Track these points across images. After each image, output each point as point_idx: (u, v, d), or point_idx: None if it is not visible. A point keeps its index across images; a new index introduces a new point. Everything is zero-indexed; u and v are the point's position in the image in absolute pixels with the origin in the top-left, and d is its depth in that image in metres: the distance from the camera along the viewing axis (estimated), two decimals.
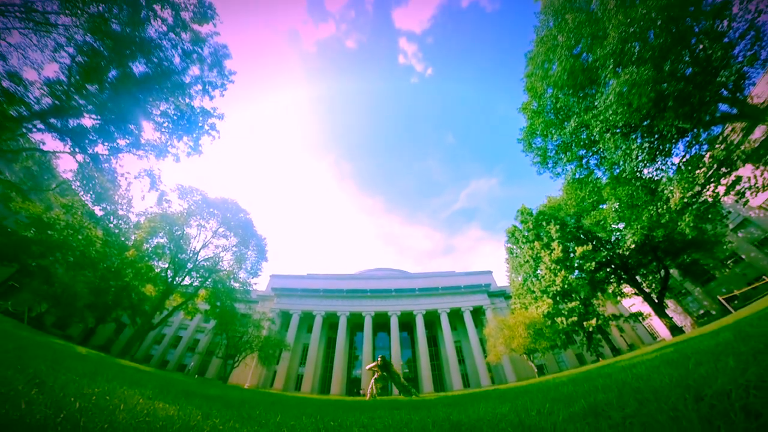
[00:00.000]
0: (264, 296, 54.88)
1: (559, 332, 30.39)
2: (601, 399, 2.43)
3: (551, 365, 44.08)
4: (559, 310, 30.36)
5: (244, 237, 35.83)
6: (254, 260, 37.47)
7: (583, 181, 21.50)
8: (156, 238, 29.34)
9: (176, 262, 30.08)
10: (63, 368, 3.87)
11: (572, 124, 18.11)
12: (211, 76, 21.04)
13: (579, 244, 30.09)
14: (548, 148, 21.71)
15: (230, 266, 35.91)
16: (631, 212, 20.68)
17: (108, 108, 17.13)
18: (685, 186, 16.63)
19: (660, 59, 14.65)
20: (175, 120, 22.05)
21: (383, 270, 71.64)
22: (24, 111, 13.76)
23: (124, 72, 16.62)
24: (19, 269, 21.16)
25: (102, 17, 13.63)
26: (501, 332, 33.53)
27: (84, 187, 18.65)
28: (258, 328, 37.50)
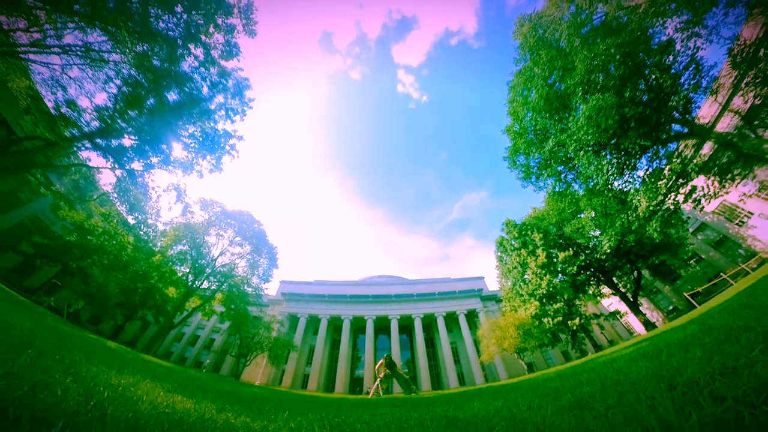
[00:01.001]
0: (274, 300, 54.75)
1: (546, 332, 30.36)
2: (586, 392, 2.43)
3: (540, 363, 43.73)
4: (545, 312, 30.39)
5: (258, 246, 36.15)
6: (266, 267, 37.61)
7: (563, 193, 22.06)
8: (179, 245, 29.66)
9: (196, 268, 30.31)
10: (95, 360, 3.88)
11: (550, 144, 18.92)
12: (233, 104, 22.19)
13: (561, 250, 30.30)
14: (530, 164, 22.35)
15: (244, 272, 36.09)
16: (606, 220, 21.33)
17: (144, 130, 18.17)
18: (650, 196, 17.27)
19: (621, 87, 15.70)
20: (201, 141, 23.05)
21: (384, 277, 71.43)
22: (76, 132, 14.75)
23: (160, 100, 17.75)
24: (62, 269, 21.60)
25: (145, 54, 14.85)
26: (493, 333, 33.45)
27: (120, 199, 19.43)
28: (268, 330, 37.42)
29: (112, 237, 22.66)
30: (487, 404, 3.39)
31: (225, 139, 24.25)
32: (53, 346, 4.00)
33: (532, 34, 18.65)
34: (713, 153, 15.88)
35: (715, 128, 22.83)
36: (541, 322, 30.60)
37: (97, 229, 22.03)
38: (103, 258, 23.02)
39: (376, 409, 4.46)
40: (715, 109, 22.83)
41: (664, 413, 1.39)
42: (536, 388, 4.10)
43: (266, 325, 37.89)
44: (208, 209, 31.22)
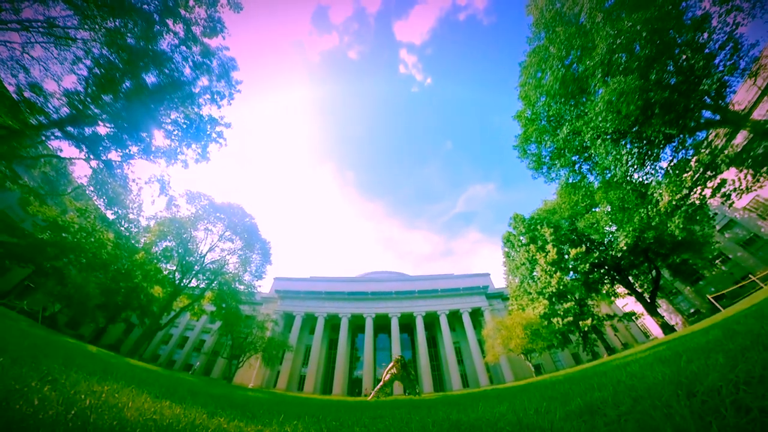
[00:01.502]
0: (268, 298, 54.85)
1: (556, 332, 30.38)
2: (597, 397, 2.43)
3: (548, 365, 43.91)
4: (555, 311, 30.53)
5: (249, 241, 35.90)
6: (259, 263, 37.55)
7: (576, 185, 21.73)
8: (164, 242, 29.36)
9: (183, 265, 30.13)
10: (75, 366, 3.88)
11: (565, 131, 18.36)
12: (219, 87, 21.43)
13: (573, 247, 30.06)
14: (542, 154, 21.96)
15: (235, 269, 35.96)
16: (623, 215, 20.85)
17: (121, 117, 17.49)
18: (673, 189, 16.79)
19: (646, 69, 14.98)
20: (185, 128, 22.39)
21: (384, 273, 71.48)
22: (43, 120, 14.11)
23: (137, 83, 17.01)
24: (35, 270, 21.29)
25: (118, 31, 14.06)
26: (499, 333, 33.48)
27: (97, 192, 18.91)
28: (262, 329, 37.48)
29: (89, 234, 22.26)
30: (492, 407, 3.40)
31: (211, 126, 23.59)
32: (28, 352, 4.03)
33: (548, 8, 17.78)
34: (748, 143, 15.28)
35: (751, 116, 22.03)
36: (550, 322, 30.69)
37: (72, 225, 21.60)
38: (81, 257, 22.67)
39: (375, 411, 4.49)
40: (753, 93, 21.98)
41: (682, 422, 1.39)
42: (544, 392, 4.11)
43: (260, 324, 37.92)
44: (195, 202, 30.80)
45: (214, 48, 19.24)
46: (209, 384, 12.57)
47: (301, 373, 46.34)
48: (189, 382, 8.90)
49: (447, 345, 45.75)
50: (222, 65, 20.17)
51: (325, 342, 50.73)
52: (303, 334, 50.69)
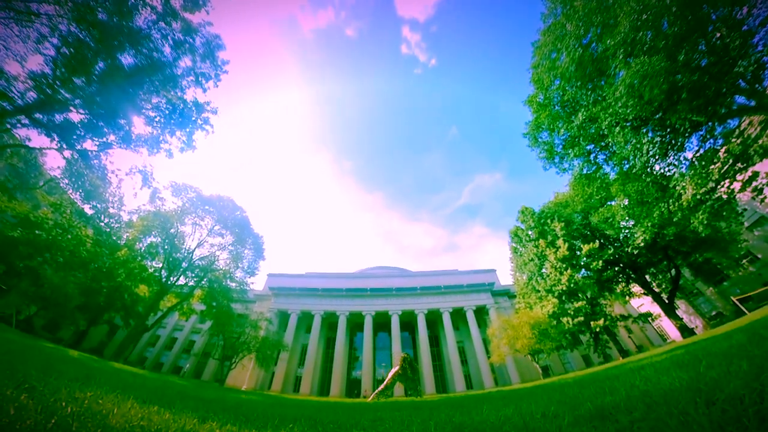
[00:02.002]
0: (261, 296, 54.92)
1: (565, 333, 30.46)
2: (608, 402, 2.45)
3: (557, 366, 44.18)
4: (564, 310, 30.53)
5: (241, 235, 35.73)
6: (251, 259, 37.51)
7: (591, 176, 21.38)
8: (149, 237, 29.18)
9: (170, 262, 29.96)
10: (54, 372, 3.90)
11: (580, 118, 17.89)
12: (203, 68, 20.69)
13: (585, 242, 29.88)
14: (555, 142, 21.66)
15: (226, 265, 35.93)
16: (641, 209, 20.47)
17: (96, 102, 16.83)
18: (698, 182, 16.30)
19: (674, 49, 14.28)
20: (167, 114, 21.80)
21: (384, 268, 71.62)
22: (7, 105, 13.49)
23: (112, 64, 16.29)
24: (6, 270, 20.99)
25: (87, 6, 13.31)
26: (505, 332, 33.59)
27: (73, 185, 18.41)
28: (255, 329, 37.49)
29: (66, 230, 21.84)
30: (497, 410, 3.46)
31: (196, 112, 22.99)
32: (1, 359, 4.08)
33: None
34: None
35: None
36: (560, 321, 30.75)
37: (46, 221, 21.15)
38: (57, 255, 22.31)
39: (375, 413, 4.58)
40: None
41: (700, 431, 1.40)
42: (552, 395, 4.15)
43: (253, 323, 37.94)
44: (181, 195, 30.41)
45: (196, 24, 18.43)
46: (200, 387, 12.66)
47: (297, 374, 46.72)
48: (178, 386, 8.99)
49: (450, 344, 45.94)
50: (206, 44, 19.38)
51: (322, 341, 51.04)
52: (299, 333, 50.88)
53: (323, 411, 5.24)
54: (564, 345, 31.09)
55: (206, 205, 32.83)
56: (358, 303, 52.17)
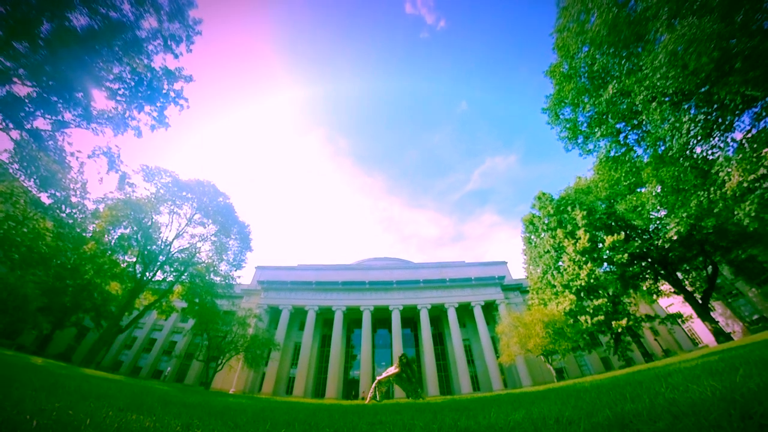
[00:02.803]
0: (249, 290, 55.12)
1: (583, 332, 30.53)
2: (629, 410, 2.45)
3: (572, 369, 44.55)
4: (583, 308, 30.69)
5: (225, 224, 35.33)
6: (237, 250, 37.37)
7: (620, 159, 20.92)
8: (119, 229, 28.77)
9: (145, 255, 29.69)
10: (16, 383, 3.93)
11: (610, 91, 17.27)
12: (172, 29, 19.32)
13: (609, 233, 29.52)
14: (579, 120, 21.13)
15: (209, 258, 35.70)
16: (676, 197, 20.12)
17: (45, 72, 15.74)
18: (747, 167, 15.59)
19: (730, 7, 13.14)
20: (133, 86, 20.73)
21: (384, 260, 71.74)
22: None
23: (61, 26, 15.06)
24: None
25: None
26: (516, 330, 33.73)
27: (25, 171, 17.54)
28: (243, 326, 37.55)
29: (20, 223, 21.11)
30: (505, 414, 3.53)
31: (167, 81, 21.93)
32: None
33: None
34: None
35: None
36: (577, 320, 30.91)
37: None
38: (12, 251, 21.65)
39: (374, 416, 4.67)
40: None
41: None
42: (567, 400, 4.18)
43: (240, 320, 37.92)
44: (154, 180, 29.77)
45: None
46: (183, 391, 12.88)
47: (289, 374, 47.33)
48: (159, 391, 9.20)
49: (456, 342, 46.36)
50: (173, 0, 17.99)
51: (316, 339, 51.59)
52: (291, 331, 51.33)
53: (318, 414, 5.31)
54: (581, 346, 31.13)
55: (184, 192, 32.25)
56: (355, 297, 52.50)
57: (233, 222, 36.44)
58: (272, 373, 43.64)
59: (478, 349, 48.40)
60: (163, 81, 21.67)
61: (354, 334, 55.16)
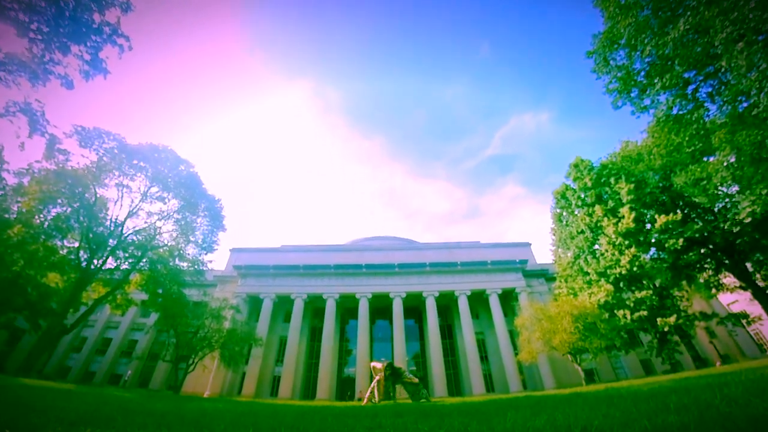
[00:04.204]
0: (224, 277, 55.12)
1: (620, 329, 30.48)
2: (673, 422, 2.48)
3: (605, 371, 44.91)
4: (621, 300, 30.68)
5: (189, 198, 34.42)
6: (206, 230, 36.91)
7: (684, 119, 20.07)
8: (54, 207, 27.62)
9: (91, 239, 28.88)
10: None
11: (681, 28, 16.19)
12: None
13: (662, 212, 28.66)
14: (635, 67, 20.13)
15: (173, 240, 35.30)
16: (756, 169, 19.51)
17: None
18: None
19: None
20: (50, 19, 18.47)
21: (384, 239, 71.39)
22: None
23: None
24: None
25: None
26: (539, 324, 33.85)
27: None
28: (218, 320, 37.70)
29: None
30: (524, 420, 3.64)
31: (98, 11, 19.60)
32: None
33: None
34: None
35: None
36: (614, 314, 30.89)
37: None
38: None
39: (373, 419, 4.89)
40: None
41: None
42: (597, 406, 4.35)
43: (214, 312, 37.96)
44: (94, 145, 28.35)
45: None
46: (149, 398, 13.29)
47: (274, 373, 48.03)
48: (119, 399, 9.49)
49: (467, 336, 46.67)
50: None
51: (305, 332, 51.93)
52: (275, 323, 51.63)
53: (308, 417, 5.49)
54: (617, 345, 31.10)
55: (135, 159, 30.90)
56: (350, 283, 52.58)
57: (200, 196, 35.53)
58: (254, 372, 44.09)
59: (494, 345, 48.72)
60: (93, 9, 19.47)
61: (349, 325, 55.47)
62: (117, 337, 52.11)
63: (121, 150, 29.94)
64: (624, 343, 31.36)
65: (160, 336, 46.61)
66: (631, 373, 42.99)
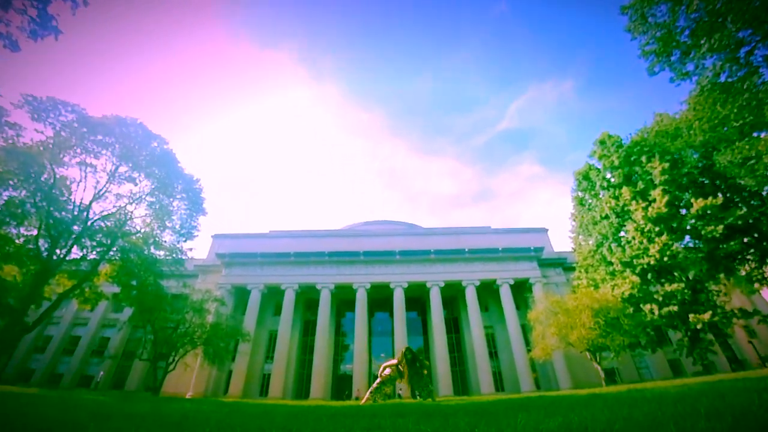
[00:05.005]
0: (206, 267, 55.08)
1: (646, 326, 30.56)
2: (703, 428, 2.49)
3: (627, 371, 45.27)
4: (649, 294, 30.69)
5: (164, 179, 33.55)
6: (184, 214, 36.22)
7: (735, 87, 19.58)
8: (5, 190, 26.71)
9: (51, 226, 27.91)
10: None
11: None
12: None
13: (700, 195, 28.12)
14: (678, 24, 19.24)
15: (147, 225, 34.69)
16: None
17: None
18: None
19: None
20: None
21: (384, 223, 71.30)
22: None
23: None
24: None
25: None
26: (555, 318, 33.87)
27: None
28: (200, 313, 37.60)
29: None
30: (536, 422, 3.65)
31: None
32: None
33: None
34: None
35: None
36: (639, 309, 30.90)
37: None
38: None
39: (372, 420, 5.01)
40: None
41: None
42: (617, 409, 4.31)
43: (196, 305, 37.78)
44: (49, 117, 27.14)
45: None
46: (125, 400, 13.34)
47: (263, 371, 48.39)
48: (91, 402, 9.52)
49: (475, 331, 46.91)
50: None
51: (297, 326, 52.12)
52: (264, 316, 51.79)
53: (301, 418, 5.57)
54: (642, 343, 31.25)
55: (99, 134, 29.55)
56: (346, 272, 52.61)
57: (176, 175, 34.60)
58: (241, 370, 44.44)
59: (504, 340, 49.07)
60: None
61: (345, 318, 55.86)
62: (86, 335, 52.14)
63: (82, 123, 28.69)
64: (650, 341, 31.42)
65: (135, 332, 46.69)
66: (656, 374, 43.30)
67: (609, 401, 5.78)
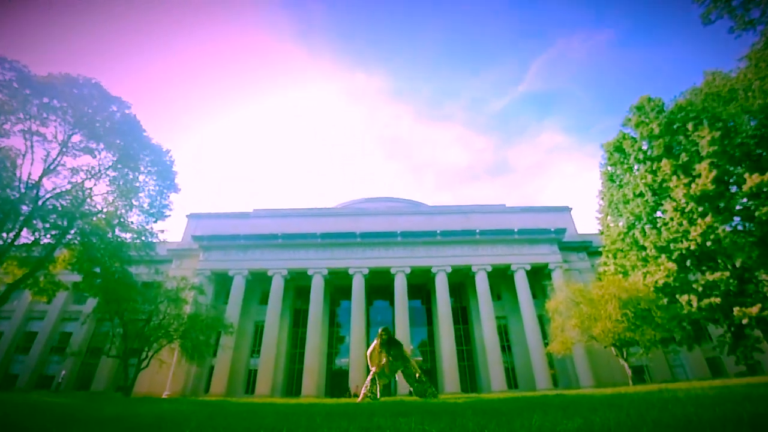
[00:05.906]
0: (181, 251, 54.48)
1: (681, 319, 30.58)
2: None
3: (658, 369, 45.40)
4: (687, 283, 30.25)
5: (127, 150, 32.70)
6: (154, 190, 35.80)
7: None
8: None
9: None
10: None
11: None
12: None
13: (755, 170, 27.10)
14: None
15: (110, 204, 33.91)
16: None
17: None
18: None
19: None
20: None
21: (384, 200, 70.96)
22: None
23: None
24: None
25: None
26: (576, 308, 33.91)
27: None
28: (176, 303, 37.16)
29: None
30: (553, 423, 3.72)
31: None
32: None
33: None
34: None
35: None
36: (675, 300, 30.81)
37: None
38: None
39: (370, 419, 5.04)
40: None
41: None
42: (645, 411, 4.35)
43: (171, 294, 37.11)
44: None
45: None
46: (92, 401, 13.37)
47: (249, 366, 48.56)
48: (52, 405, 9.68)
49: (486, 322, 46.95)
50: None
51: (286, 316, 52.25)
52: (249, 306, 51.80)
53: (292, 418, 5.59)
54: (676, 338, 31.54)
55: (45, 97, 28.47)
56: (342, 255, 52.60)
57: (142, 145, 33.83)
58: (224, 366, 44.40)
59: (518, 332, 49.18)
60: None
61: (340, 308, 56.13)
62: (44, 330, 52.21)
63: (23, 84, 27.46)
64: (686, 337, 31.28)
65: (101, 326, 46.88)
66: (692, 373, 43.52)
67: (636, 402, 5.91)
